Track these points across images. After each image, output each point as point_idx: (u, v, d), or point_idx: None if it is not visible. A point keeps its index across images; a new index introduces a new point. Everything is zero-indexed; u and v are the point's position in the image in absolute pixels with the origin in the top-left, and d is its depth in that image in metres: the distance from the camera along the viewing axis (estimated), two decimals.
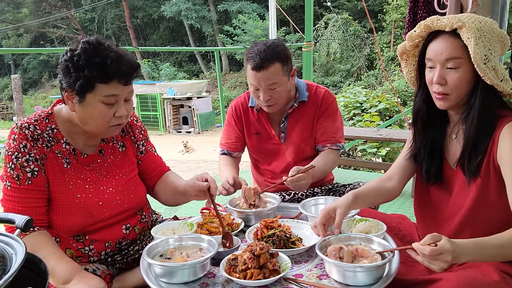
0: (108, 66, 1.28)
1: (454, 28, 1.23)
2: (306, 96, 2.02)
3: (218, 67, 5.16)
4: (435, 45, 1.28)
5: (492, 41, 1.23)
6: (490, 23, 1.24)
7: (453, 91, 1.27)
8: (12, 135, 1.35)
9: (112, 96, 1.33)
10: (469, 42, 1.19)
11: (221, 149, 2.18)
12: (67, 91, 1.32)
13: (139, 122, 1.66)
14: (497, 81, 1.21)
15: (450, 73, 1.25)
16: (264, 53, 1.80)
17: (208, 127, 14.13)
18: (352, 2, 18.14)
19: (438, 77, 1.27)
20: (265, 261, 1.15)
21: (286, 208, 1.77)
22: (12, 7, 27.88)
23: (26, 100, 22.49)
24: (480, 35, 1.20)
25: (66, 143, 1.42)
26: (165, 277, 1.19)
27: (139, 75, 1.41)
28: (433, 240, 1.06)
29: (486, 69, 1.19)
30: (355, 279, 1.13)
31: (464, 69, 1.24)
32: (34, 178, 1.34)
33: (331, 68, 17.13)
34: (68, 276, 1.23)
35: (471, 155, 1.27)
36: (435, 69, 1.28)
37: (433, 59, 1.28)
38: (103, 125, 1.36)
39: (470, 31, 1.19)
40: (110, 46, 1.33)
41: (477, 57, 1.18)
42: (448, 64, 1.25)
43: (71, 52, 1.30)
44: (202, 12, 21.98)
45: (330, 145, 2.00)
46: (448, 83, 1.26)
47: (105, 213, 1.44)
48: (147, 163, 1.65)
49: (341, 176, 4.23)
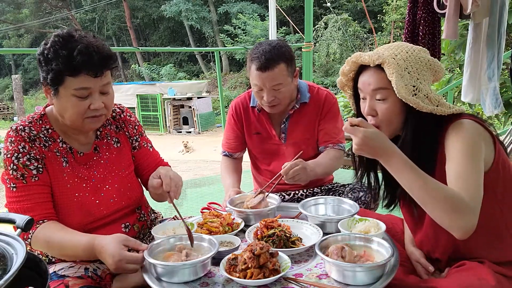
0: (75, 58, 1.25)
1: (376, 64, 1.25)
2: (307, 98, 2.02)
3: (218, 67, 5.15)
4: (364, 77, 1.31)
5: (420, 70, 1.24)
6: (417, 52, 1.26)
7: (382, 123, 1.28)
8: (9, 138, 1.35)
9: (83, 89, 1.29)
10: (391, 78, 1.20)
11: (222, 150, 2.19)
12: (44, 84, 1.33)
13: (133, 118, 1.64)
14: (433, 107, 1.21)
15: (379, 104, 1.28)
16: (270, 53, 1.79)
17: (208, 127, 14.13)
18: (352, 2, 18.14)
19: (368, 108, 1.30)
20: (265, 261, 1.15)
21: (286, 208, 1.77)
22: (12, 7, 27.89)
23: (27, 100, 22.50)
24: (406, 66, 1.22)
25: (62, 142, 1.42)
26: (165, 276, 1.19)
27: (114, 66, 1.36)
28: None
29: (416, 99, 1.20)
30: (355, 278, 1.13)
31: (392, 100, 1.25)
32: (40, 174, 1.34)
33: (331, 68, 17.13)
34: (90, 254, 1.26)
35: (427, 170, 1.21)
36: (366, 101, 1.31)
37: (363, 91, 1.31)
38: (78, 118, 1.33)
39: (391, 67, 1.20)
40: (82, 38, 1.30)
41: (401, 91, 1.19)
42: (377, 96, 1.27)
43: (44, 45, 1.30)
44: (203, 13, 21.98)
45: (332, 145, 2.01)
46: (379, 114, 1.28)
47: (103, 211, 1.44)
48: (141, 159, 1.63)
49: (341, 176, 4.22)
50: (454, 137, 1.20)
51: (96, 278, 1.36)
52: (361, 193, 1.91)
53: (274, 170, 2.10)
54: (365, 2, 9.20)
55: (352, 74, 1.39)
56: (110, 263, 1.21)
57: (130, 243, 1.26)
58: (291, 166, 1.69)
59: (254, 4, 20.89)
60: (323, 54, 16.88)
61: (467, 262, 1.25)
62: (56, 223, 1.34)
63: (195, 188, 4.11)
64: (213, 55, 19.09)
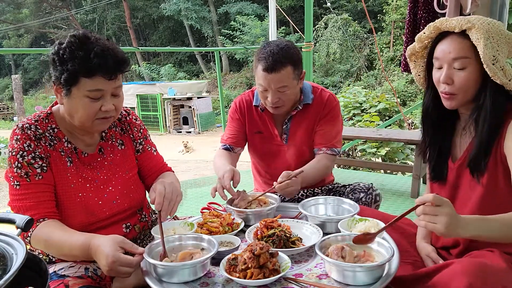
0: (92, 60, 1.26)
1: (463, 29, 1.24)
2: (311, 99, 2.00)
3: (218, 67, 5.16)
4: (443, 45, 1.29)
5: (500, 42, 1.24)
6: (498, 25, 1.26)
7: (459, 91, 1.28)
8: (15, 136, 1.35)
9: (96, 91, 1.31)
10: (478, 43, 1.20)
11: (223, 143, 2.11)
12: (55, 84, 1.33)
13: (138, 121, 1.65)
14: (506, 80, 1.23)
15: (457, 73, 1.27)
16: (277, 55, 1.77)
17: (208, 127, 14.14)
18: (352, 2, 18.14)
19: (445, 76, 1.28)
20: (265, 261, 1.15)
21: (286, 208, 1.77)
22: (12, 7, 27.89)
23: (27, 100, 22.49)
24: (488, 36, 1.22)
25: (67, 141, 1.42)
26: (165, 276, 1.19)
27: (127, 70, 1.38)
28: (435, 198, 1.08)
29: (495, 69, 1.20)
30: (355, 278, 1.13)
31: (471, 69, 1.25)
32: (44, 173, 1.34)
33: (331, 68, 17.12)
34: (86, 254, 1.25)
35: (481, 156, 1.28)
36: (442, 69, 1.30)
37: (441, 59, 1.30)
38: (88, 119, 1.34)
39: (479, 32, 1.20)
40: (98, 40, 1.31)
41: (486, 57, 1.19)
42: (455, 64, 1.27)
43: (59, 45, 1.30)
44: (202, 12, 21.99)
45: (326, 149, 1.98)
46: (455, 82, 1.28)
47: (105, 212, 1.44)
48: (144, 163, 1.64)
49: (341, 176, 4.24)
50: None
51: (96, 278, 1.36)
52: (362, 193, 1.90)
53: (275, 171, 2.07)
54: (365, 2, 9.16)
55: (428, 41, 1.37)
56: (103, 264, 1.19)
57: (127, 246, 1.24)
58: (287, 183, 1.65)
59: (254, 4, 20.88)
60: (323, 54, 16.88)
61: (477, 251, 1.27)
62: (56, 221, 1.34)
63: (195, 188, 4.11)
64: (213, 55, 19.11)
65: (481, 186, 1.30)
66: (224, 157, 2.02)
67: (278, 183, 1.66)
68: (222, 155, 2.04)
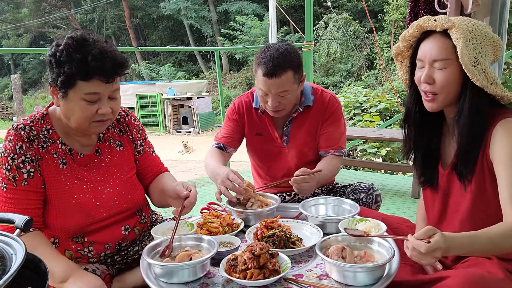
0: (89, 63, 1.25)
1: (444, 28, 1.23)
2: (311, 101, 1.99)
3: (218, 67, 5.14)
4: (426, 44, 1.29)
5: (483, 44, 1.23)
6: (482, 27, 1.24)
7: (442, 91, 1.27)
8: (8, 137, 1.34)
9: (93, 94, 1.29)
10: (457, 43, 1.19)
11: (217, 142, 2.10)
12: (52, 86, 1.32)
13: (137, 122, 1.64)
14: (487, 83, 1.21)
15: (438, 72, 1.26)
16: (277, 60, 1.75)
17: (208, 127, 14.13)
18: (352, 2, 18.13)
19: (425, 76, 1.27)
20: (265, 261, 1.15)
21: (286, 208, 1.77)
22: (12, 7, 27.88)
23: (26, 100, 22.50)
24: (471, 37, 1.20)
25: (62, 143, 1.41)
26: (165, 277, 1.19)
27: (125, 73, 1.36)
28: (427, 235, 1.06)
29: (475, 71, 1.19)
30: (355, 279, 1.13)
31: (452, 70, 1.24)
32: (30, 179, 1.33)
33: (331, 68, 17.12)
34: (65, 275, 1.23)
35: (465, 160, 1.27)
36: (424, 69, 1.29)
37: (423, 59, 1.29)
38: (85, 122, 1.33)
39: (459, 31, 1.19)
40: (96, 42, 1.29)
41: (465, 58, 1.18)
42: (436, 64, 1.25)
43: (56, 47, 1.28)
44: (202, 12, 21.98)
45: (333, 151, 1.98)
46: (436, 82, 1.26)
47: (103, 213, 1.44)
48: (144, 163, 1.64)
49: (341, 176, 4.23)
50: (503, 136, 1.19)
51: None
52: (362, 194, 1.90)
53: (275, 173, 2.08)
54: (365, 2, 9.16)
55: (413, 40, 1.36)
56: None
57: None
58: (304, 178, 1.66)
59: (253, 4, 20.88)
60: (324, 53, 16.88)
61: (473, 257, 1.25)
62: (39, 235, 1.33)
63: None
64: (213, 54, 19.09)
65: (469, 193, 1.29)
66: (217, 157, 2.00)
67: (294, 181, 1.66)
68: (214, 154, 2.03)
